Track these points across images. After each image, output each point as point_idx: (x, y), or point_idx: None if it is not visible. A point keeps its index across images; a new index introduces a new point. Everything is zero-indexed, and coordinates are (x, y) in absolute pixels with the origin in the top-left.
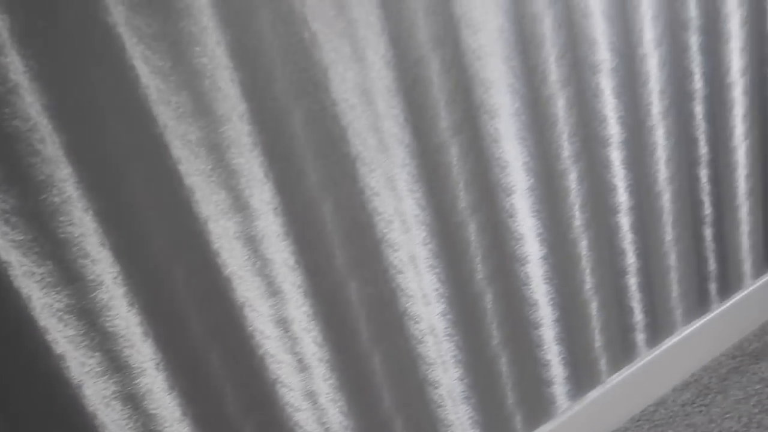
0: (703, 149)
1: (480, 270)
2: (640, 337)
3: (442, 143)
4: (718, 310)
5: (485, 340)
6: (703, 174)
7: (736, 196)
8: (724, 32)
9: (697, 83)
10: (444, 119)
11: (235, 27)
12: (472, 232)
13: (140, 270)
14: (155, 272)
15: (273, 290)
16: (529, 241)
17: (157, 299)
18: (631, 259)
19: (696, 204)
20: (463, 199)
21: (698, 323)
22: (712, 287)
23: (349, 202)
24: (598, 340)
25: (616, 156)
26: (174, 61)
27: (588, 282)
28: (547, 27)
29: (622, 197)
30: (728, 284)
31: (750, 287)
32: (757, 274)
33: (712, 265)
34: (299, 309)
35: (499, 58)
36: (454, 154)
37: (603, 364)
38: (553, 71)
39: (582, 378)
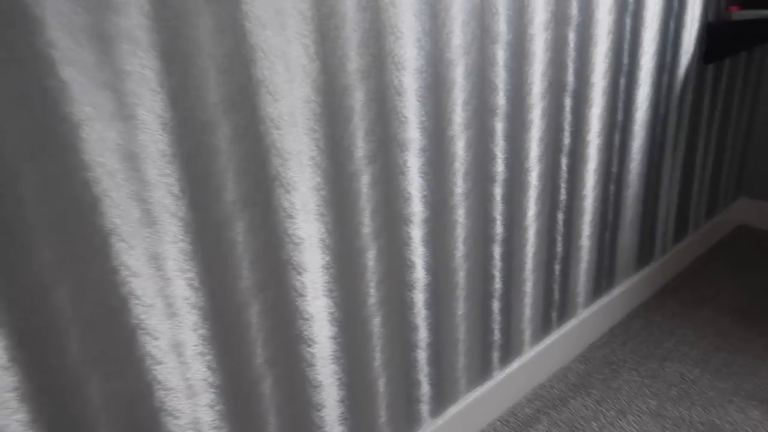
0: (499, 228)
1: (260, 354)
2: (425, 408)
3: (227, 217)
4: (498, 376)
5: (260, 428)
6: (497, 251)
7: (523, 271)
8: (527, 121)
9: (499, 166)
10: (231, 191)
11: None
12: (254, 313)
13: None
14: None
15: None
16: (319, 321)
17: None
18: (423, 334)
19: (487, 279)
20: (247, 278)
21: (479, 390)
22: (495, 355)
23: (97, 283)
24: (383, 416)
25: (416, 233)
26: None
27: (378, 359)
28: (357, 101)
29: (419, 274)
30: (509, 352)
31: (528, 354)
32: (535, 341)
33: (496, 335)
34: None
35: (302, 129)
36: (240, 230)
37: None
38: (360, 146)
39: None
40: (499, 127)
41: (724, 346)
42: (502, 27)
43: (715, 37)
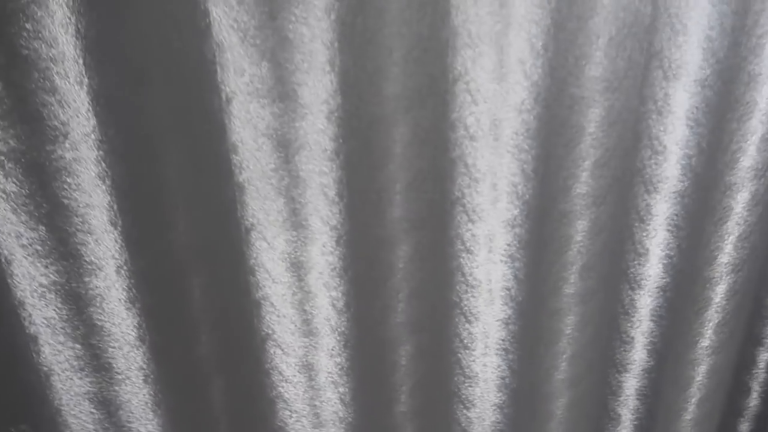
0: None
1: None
2: None
3: (393, 338)
4: None
5: None
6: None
7: None
8: None
9: None
10: (401, 313)
11: None
12: (404, 354)
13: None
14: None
15: None
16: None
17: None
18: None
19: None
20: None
21: None
22: None
23: (248, 385)
24: None
25: (645, 302)
26: None
27: None
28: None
29: (639, 354)
30: None
31: None
32: None
33: None
34: None
35: (497, 256)
36: (404, 353)
37: None
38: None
39: None
40: None
41: None
42: None
43: None
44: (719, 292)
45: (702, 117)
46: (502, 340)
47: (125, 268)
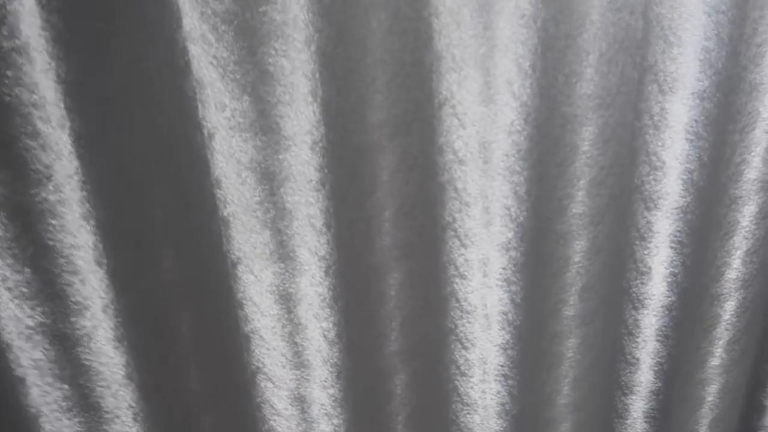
0: None
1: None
2: None
3: (386, 368)
4: None
5: None
6: None
7: None
8: None
9: None
10: (394, 341)
11: None
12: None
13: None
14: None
15: None
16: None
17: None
18: None
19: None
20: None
21: None
22: None
23: (239, 420)
24: None
25: (649, 321)
26: None
27: None
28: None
29: (645, 376)
30: None
31: None
32: None
33: None
34: None
35: (494, 280)
36: (399, 382)
37: None
38: None
39: None
40: None
41: None
42: None
43: None
44: (728, 309)
45: (702, 130)
46: (501, 366)
47: (112, 306)
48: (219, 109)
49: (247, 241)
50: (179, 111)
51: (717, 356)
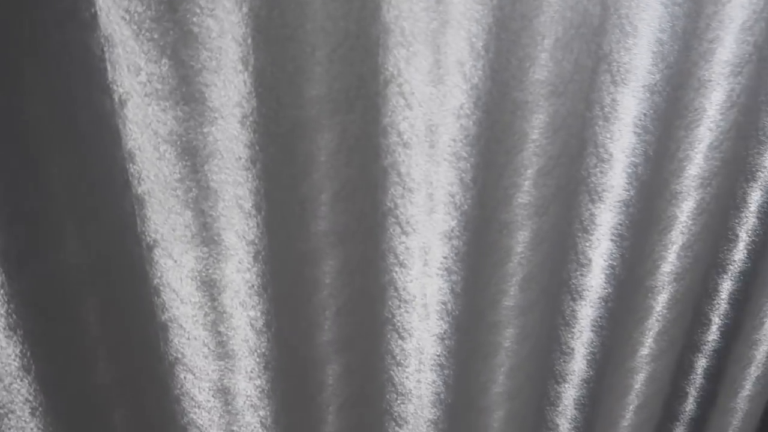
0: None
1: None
2: None
3: (318, 358)
4: None
5: None
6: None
7: None
8: None
9: None
10: (328, 331)
11: None
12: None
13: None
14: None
15: None
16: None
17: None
18: None
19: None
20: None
21: None
22: None
23: (156, 412)
24: None
25: (586, 312)
26: None
27: None
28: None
29: (578, 365)
30: None
31: None
32: None
33: None
34: None
35: (433, 269)
36: (332, 372)
37: None
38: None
39: None
40: None
41: None
42: None
43: None
44: (660, 301)
45: (650, 124)
46: (438, 356)
47: (2, 291)
48: (133, 72)
49: (165, 223)
50: (83, 71)
51: (647, 346)
